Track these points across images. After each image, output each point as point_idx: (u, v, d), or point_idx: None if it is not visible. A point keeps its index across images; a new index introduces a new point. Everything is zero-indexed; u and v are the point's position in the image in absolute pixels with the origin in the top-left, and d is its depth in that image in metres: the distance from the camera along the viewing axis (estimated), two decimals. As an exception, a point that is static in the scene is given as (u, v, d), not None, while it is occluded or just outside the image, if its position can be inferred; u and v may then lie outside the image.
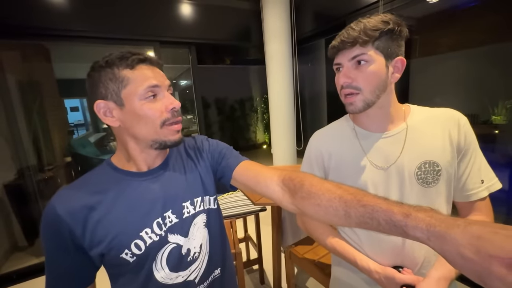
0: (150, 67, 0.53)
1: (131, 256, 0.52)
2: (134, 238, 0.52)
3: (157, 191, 0.57)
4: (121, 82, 0.50)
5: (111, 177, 0.55)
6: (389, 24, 0.57)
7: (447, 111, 0.64)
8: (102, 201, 0.52)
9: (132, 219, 0.53)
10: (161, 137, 0.54)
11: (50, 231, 0.49)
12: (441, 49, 2.25)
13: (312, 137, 0.77)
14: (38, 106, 2.67)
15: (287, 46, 2.64)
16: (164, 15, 2.45)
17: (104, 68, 0.51)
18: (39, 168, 2.55)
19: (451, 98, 2.26)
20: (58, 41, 2.25)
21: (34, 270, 2.13)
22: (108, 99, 0.51)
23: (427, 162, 0.60)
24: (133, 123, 0.52)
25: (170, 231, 0.56)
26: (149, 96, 0.51)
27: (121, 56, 0.51)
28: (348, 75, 0.60)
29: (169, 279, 0.56)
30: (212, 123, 6.45)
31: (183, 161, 0.64)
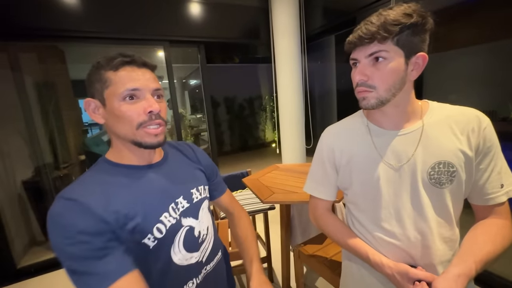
0: (135, 69, 0.55)
1: (153, 240, 0.54)
2: (156, 222, 0.55)
3: (164, 180, 0.61)
4: (104, 83, 0.53)
5: (115, 171, 0.57)
6: (413, 17, 0.52)
7: (468, 111, 0.60)
8: (116, 191, 0.53)
9: (151, 206, 0.56)
10: (137, 138, 0.55)
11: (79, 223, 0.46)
12: (457, 44, 2.16)
13: (324, 133, 0.76)
14: (53, 106, 2.76)
15: (296, 44, 2.61)
16: (173, 15, 2.47)
17: (95, 69, 0.54)
18: (55, 166, 2.64)
19: (468, 94, 2.17)
20: (71, 42, 2.31)
21: (51, 264, 2.21)
22: (95, 97, 0.55)
23: (441, 162, 0.58)
24: (113, 122, 0.55)
25: (183, 215, 0.61)
26: (127, 98, 0.53)
27: (110, 58, 0.54)
28: (364, 73, 0.58)
29: (185, 260, 0.60)
30: (221, 121, 6.49)
31: (180, 157, 0.71)
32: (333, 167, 0.72)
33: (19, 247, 2.28)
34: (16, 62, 2.28)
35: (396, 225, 0.62)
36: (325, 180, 0.75)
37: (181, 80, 6.94)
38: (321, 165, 0.75)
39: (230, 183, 2.00)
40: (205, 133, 4.89)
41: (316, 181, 0.78)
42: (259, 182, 1.56)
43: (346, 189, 0.72)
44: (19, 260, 2.20)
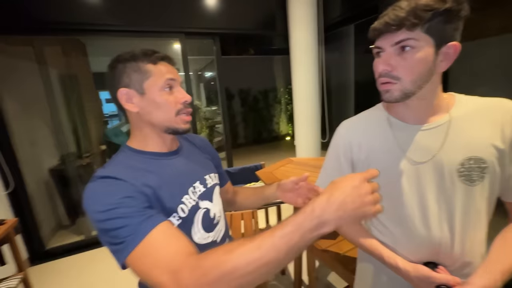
0: (168, 64, 0.63)
1: (178, 219, 0.60)
2: (180, 203, 0.61)
3: (183, 167, 0.67)
4: (145, 74, 0.59)
5: (139, 157, 0.62)
6: (447, 2, 0.47)
7: (501, 101, 0.56)
8: (144, 174, 0.57)
9: (173, 188, 0.61)
10: (174, 124, 0.62)
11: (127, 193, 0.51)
12: (490, 32, 2.00)
13: (340, 126, 0.72)
14: (76, 98, 2.89)
15: (313, 34, 2.53)
16: (189, 6, 2.47)
17: (130, 61, 0.59)
18: (78, 155, 2.79)
19: (500, 87, 2.02)
20: (92, 35, 2.38)
21: (76, 246, 2.36)
22: (130, 87, 0.59)
23: (472, 158, 0.54)
24: (151, 110, 0.60)
25: (200, 198, 0.67)
26: (167, 87, 0.60)
27: (144, 52, 0.60)
28: (388, 62, 0.53)
29: (203, 239, 0.66)
30: (236, 114, 6.50)
31: (192, 147, 0.77)
32: (349, 163, 0.69)
33: (47, 230, 2.45)
34: (41, 55, 2.38)
35: (420, 224, 0.59)
36: (339, 176, 0.72)
37: (196, 72, 6.99)
38: (337, 160, 0.71)
39: (243, 175, 2.01)
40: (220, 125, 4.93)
41: (330, 176, 0.74)
42: (273, 175, 1.55)
43: None
44: (47, 242, 2.36)
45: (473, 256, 0.58)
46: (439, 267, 0.57)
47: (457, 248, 0.57)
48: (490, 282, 0.48)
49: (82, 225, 2.61)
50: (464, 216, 0.56)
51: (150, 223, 0.47)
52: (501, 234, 0.58)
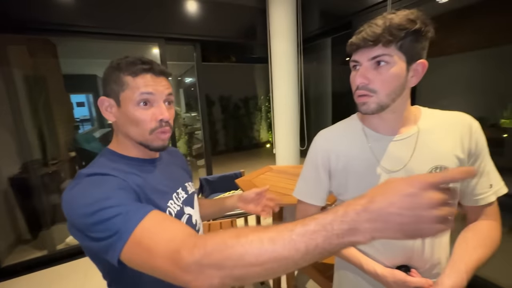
0: (153, 77, 0.58)
1: None
2: (166, 207, 0.60)
3: (165, 173, 0.67)
4: (122, 86, 0.57)
5: (122, 161, 0.60)
6: (416, 23, 0.52)
7: (459, 115, 0.62)
8: (132, 177, 0.56)
9: (159, 192, 0.61)
10: (148, 141, 0.60)
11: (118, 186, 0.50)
12: (450, 50, 2.20)
13: (318, 136, 0.74)
14: (43, 100, 2.70)
15: (293, 45, 2.61)
16: (169, 12, 2.44)
17: (114, 70, 0.58)
18: (44, 163, 2.58)
19: (460, 100, 2.21)
20: (64, 37, 2.26)
21: (37, 262, 2.16)
22: (110, 97, 0.59)
23: (438, 167, 0.58)
24: (125, 123, 0.59)
25: (184, 203, 0.67)
26: (142, 102, 0.57)
27: (130, 62, 0.57)
28: (365, 76, 0.57)
29: None
30: (216, 121, 6.45)
31: (169, 156, 0.77)
32: (326, 172, 0.71)
33: (3, 246, 2.21)
34: (4, 54, 2.21)
35: None
36: (317, 186, 0.73)
37: (176, 78, 6.87)
38: (314, 170, 0.72)
39: (223, 183, 1.99)
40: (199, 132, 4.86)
41: (307, 186, 0.76)
42: (252, 184, 1.55)
43: (341, 194, 0.70)
44: (3, 259, 2.13)
45: (440, 257, 0.63)
46: (411, 270, 0.60)
47: (427, 252, 0.61)
48: (457, 280, 0.52)
49: (46, 239, 2.40)
50: None
51: (142, 211, 0.45)
52: (461, 235, 0.62)
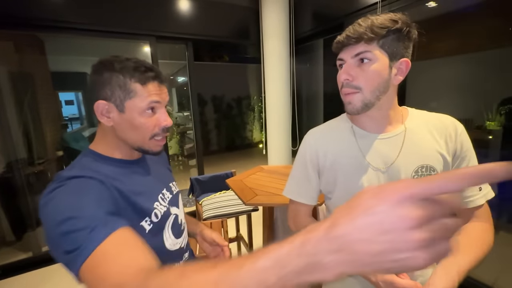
0: (159, 85, 0.59)
1: (149, 223, 0.59)
2: (152, 209, 0.60)
3: (150, 174, 0.67)
4: (129, 93, 0.55)
5: (105, 163, 0.59)
6: (398, 23, 0.55)
7: (445, 118, 0.64)
8: (115, 181, 0.55)
9: (145, 194, 0.61)
10: (146, 146, 0.60)
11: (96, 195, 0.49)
12: (438, 53, 2.25)
13: (307, 134, 0.75)
14: (29, 98, 2.62)
15: (285, 45, 2.62)
16: (161, 10, 2.41)
17: (117, 74, 0.54)
18: (29, 162, 2.51)
19: (447, 103, 2.27)
20: (52, 33, 2.20)
21: (22, 265, 2.10)
22: (110, 101, 0.56)
23: (424, 166, 0.60)
24: (125, 129, 0.58)
25: (170, 204, 0.67)
26: (149, 110, 0.57)
27: (136, 67, 0.55)
28: (349, 72, 0.59)
29: (173, 245, 0.65)
30: (208, 120, 6.41)
31: (153, 157, 0.74)
32: (315, 170, 0.71)
33: (-14, 248, 2.14)
34: (-12, 50, 2.14)
35: None
36: (307, 184, 0.73)
37: (168, 77, 6.80)
38: (303, 168, 0.73)
39: (214, 183, 1.98)
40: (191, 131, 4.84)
41: (297, 184, 0.76)
42: (243, 184, 1.55)
43: (330, 192, 0.71)
44: (-15, 261, 2.06)
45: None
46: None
47: None
48: (448, 283, 0.51)
49: (31, 240, 2.33)
50: None
51: (109, 227, 0.44)
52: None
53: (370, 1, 1.99)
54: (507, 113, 1.85)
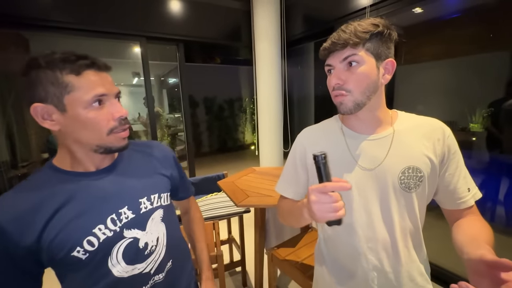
0: (98, 72, 0.52)
1: (83, 253, 0.52)
2: (86, 235, 0.52)
3: (109, 189, 0.57)
4: (65, 87, 0.49)
5: (56, 179, 0.54)
6: (379, 26, 0.58)
7: (433, 121, 0.66)
8: (49, 202, 0.51)
9: (84, 216, 0.53)
10: (107, 143, 0.54)
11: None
12: (425, 58, 2.32)
13: (300, 133, 0.77)
14: (13, 99, 2.53)
15: (277, 48, 2.65)
16: (152, 10, 2.39)
17: (44, 69, 0.48)
18: (12, 165, 2.42)
19: (433, 106, 2.34)
20: (38, 32, 2.14)
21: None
22: (47, 102, 0.49)
23: (410, 167, 0.61)
24: (75, 129, 0.51)
25: (126, 226, 0.57)
26: (95, 103, 0.51)
27: (65, 58, 0.49)
28: (339, 77, 0.60)
29: (125, 272, 0.57)
30: (200, 122, 6.37)
31: (139, 160, 0.66)
32: (304, 168, 0.73)
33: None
34: (-31, 48, 2.06)
35: (367, 228, 0.63)
36: (295, 180, 0.76)
37: (159, 78, 6.72)
38: (293, 165, 0.75)
39: (205, 185, 1.96)
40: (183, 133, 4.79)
41: (286, 181, 0.78)
42: (234, 185, 1.54)
43: None
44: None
45: (413, 259, 0.64)
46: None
47: (400, 251, 0.62)
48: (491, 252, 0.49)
49: None
50: (404, 220, 0.62)
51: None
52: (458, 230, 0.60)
53: (359, 6, 2.04)
54: (489, 115, 1.92)
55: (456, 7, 2.04)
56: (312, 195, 0.51)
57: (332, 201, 0.49)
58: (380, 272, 0.63)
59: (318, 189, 0.50)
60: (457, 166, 0.63)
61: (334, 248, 0.71)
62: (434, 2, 1.87)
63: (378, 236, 0.63)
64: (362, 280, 0.65)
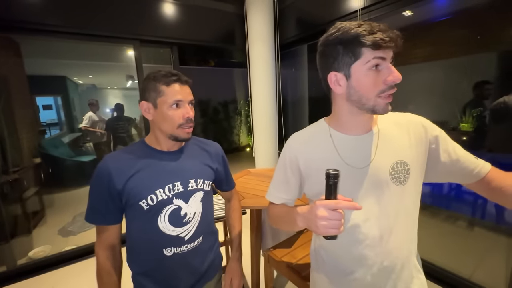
0: (181, 85, 0.79)
1: (146, 205, 0.76)
2: (150, 193, 0.76)
3: (172, 166, 0.82)
4: (159, 93, 0.77)
5: (144, 150, 0.82)
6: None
7: (406, 115, 0.70)
8: (137, 164, 0.78)
9: (152, 180, 0.78)
10: (175, 134, 0.80)
11: (98, 179, 0.75)
12: (415, 59, 2.37)
13: (289, 138, 0.76)
14: (3, 102, 2.49)
15: (270, 50, 2.67)
16: (145, 13, 2.39)
17: (151, 81, 0.78)
18: (3, 170, 2.37)
19: (424, 106, 2.39)
20: (29, 35, 2.12)
21: None
22: (149, 101, 0.79)
23: (398, 162, 0.63)
24: (160, 121, 0.79)
25: (176, 195, 0.80)
26: (174, 105, 0.77)
27: (164, 74, 0.77)
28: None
29: (167, 229, 0.79)
30: (195, 124, 6.33)
31: (197, 152, 0.91)
32: (295, 174, 0.73)
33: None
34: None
35: (363, 225, 0.64)
36: (285, 186, 0.75)
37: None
38: (283, 171, 0.75)
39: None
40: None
41: (275, 188, 0.78)
42: (230, 187, 1.54)
43: (315, 196, 0.72)
44: (-47, 278, 1.92)
45: (408, 252, 0.66)
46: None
47: (395, 245, 0.64)
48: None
49: (5, 253, 2.19)
50: (399, 214, 0.64)
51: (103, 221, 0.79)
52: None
53: (351, 9, 2.07)
54: (478, 115, 1.97)
55: (445, 10, 2.09)
56: (321, 210, 0.52)
57: (340, 218, 0.51)
58: (376, 267, 0.64)
59: (329, 205, 0.51)
60: (447, 142, 0.65)
61: (331, 249, 0.72)
62: (423, 5, 1.92)
63: (374, 232, 0.63)
64: (360, 277, 0.66)
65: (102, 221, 0.77)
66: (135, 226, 0.79)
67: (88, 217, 0.77)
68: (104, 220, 0.77)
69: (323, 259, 0.75)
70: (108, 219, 0.77)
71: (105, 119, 4.00)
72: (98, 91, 7.30)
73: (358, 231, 0.65)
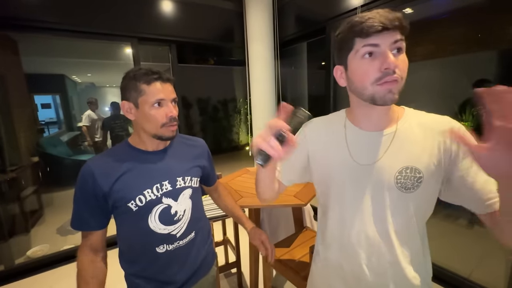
0: (162, 83, 0.75)
1: (135, 206, 0.75)
2: (138, 194, 0.75)
3: (159, 165, 0.81)
4: (139, 92, 0.74)
5: (129, 151, 0.80)
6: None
7: (441, 118, 0.61)
8: (122, 166, 0.76)
9: (139, 180, 0.76)
10: (159, 133, 0.77)
11: (82, 182, 0.73)
12: (417, 57, 2.36)
13: (307, 123, 0.72)
14: (1, 101, 2.47)
15: (270, 48, 2.65)
16: (143, 11, 2.36)
17: (131, 80, 0.74)
18: (1, 169, 2.36)
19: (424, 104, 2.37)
20: (27, 33, 2.10)
21: None
22: (130, 101, 0.75)
23: (408, 167, 0.58)
24: (143, 121, 0.76)
25: (164, 194, 0.79)
26: (156, 104, 0.74)
27: (145, 73, 0.73)
28: (394, 60, 0.52)
29: (158, 229, 0.78)
30: (194, 123, 6.33)
31: (183, 149, 0.89)
32: (304, 154, 0.73)
33: (-49, 262, 1.98)
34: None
35: (358, 223, 0.63)
36: (289, 167, 0.76)
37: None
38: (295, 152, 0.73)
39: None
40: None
41: (286, 166, 0.78)
42: (228, 186, 1.53)
43: (319, 182, 0.73)
44: (-49, 277, 1.91)
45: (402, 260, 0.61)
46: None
47: (389, 250, 0.61)
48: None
49: (3, 253, 2.18)
50: (396, 219, 0.60)
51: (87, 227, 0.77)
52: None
53: (351, 7, 2.05)
54: (477, 114, 1.96)
55: (445, 8, 2.08)
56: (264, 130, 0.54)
57: (269, 140, 0.51)
58: (370, 269, 0.63)
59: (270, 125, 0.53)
60: (472, 161, 0.55)
61: (328, 243, 0.71)
62: (423, 3, 1.90)
63: (369, 232, 0.62)
64: (353, 275, 0.65)
65: (87, 227, 0.75)
66: (125, 227, 0.78)
67: (74, 224, 0.75)
68: (89, 226, 0.75)
69: (320, 257, 0.74)
70: (94, 224, 0.76)
71: (104, 117, 3.98)
72: (97, 89, 7.27)
73: (351, 227, 0.64)
